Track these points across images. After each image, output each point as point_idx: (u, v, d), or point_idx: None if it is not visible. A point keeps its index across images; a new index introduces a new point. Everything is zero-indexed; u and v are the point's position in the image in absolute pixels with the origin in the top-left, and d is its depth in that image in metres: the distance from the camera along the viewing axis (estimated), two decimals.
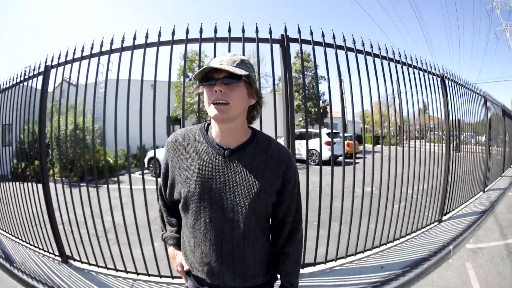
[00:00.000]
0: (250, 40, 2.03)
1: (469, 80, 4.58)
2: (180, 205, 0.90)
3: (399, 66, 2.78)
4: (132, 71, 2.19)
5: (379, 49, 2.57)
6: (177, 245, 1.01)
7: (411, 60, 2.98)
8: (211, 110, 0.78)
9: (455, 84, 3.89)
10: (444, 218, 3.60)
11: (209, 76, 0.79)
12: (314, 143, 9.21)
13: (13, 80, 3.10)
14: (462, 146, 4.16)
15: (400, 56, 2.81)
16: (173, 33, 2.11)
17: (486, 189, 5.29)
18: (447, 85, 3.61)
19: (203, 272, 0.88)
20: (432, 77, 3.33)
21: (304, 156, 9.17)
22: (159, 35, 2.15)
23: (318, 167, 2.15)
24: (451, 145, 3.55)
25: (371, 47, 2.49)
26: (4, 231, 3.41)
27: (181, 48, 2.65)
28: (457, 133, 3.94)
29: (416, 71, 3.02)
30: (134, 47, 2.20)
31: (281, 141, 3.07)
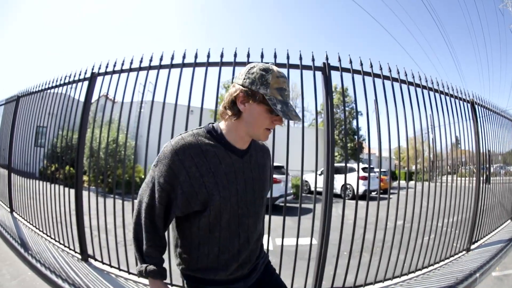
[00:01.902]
0: (294, 66, 2.15)
1: (500, 105, 4.48)
2: (202, 216, 0.85)
3: (432, 93, 2.80)
4: (171, 93, 2.27)
5: (413, 77, 2.63)
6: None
7: (443, 87, 2.99)
8: (263, 135, 0.87)
9: (485, 110, 3.82)
10: (472, 247, 3.51)
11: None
12: (349, 178, 9.30)
13: (57, 81, 3.20)
14: (492, 177, 4.04)
15: (432, 83, 2.85)
16: (221, 55, 2.24)
17: None
18: (477, 112, 3.56)
19: (228, 270, 0.90)
20: (463, 103, 3.31)
21: (338, 190, 9.34)
22: (208, 55, 2.25)
23: (352, 201, 2.20)
24: (482, 178, 3.47)
25: (406, 75, 2.56)
26: (25, 220, 3.51)
27: (225, 76, 2.78)
28: (487, 165, 3.85)
29: (447, 98, 3.03)
30: (183, 65, 2.31)
31: (320, 177, 3.02)
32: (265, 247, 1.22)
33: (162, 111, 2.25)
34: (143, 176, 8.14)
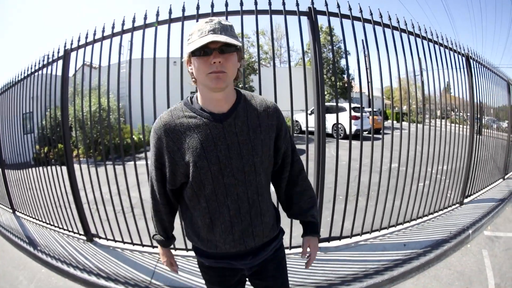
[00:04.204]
0: (277, 12, 2.00)
1: (493, 62, 4.42)
2: (187, 187, 0.88)
3: (425, 42, 2.70)
4: (154, 49, 2.16)
5: (406, 24, 2.49)
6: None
7: (437, 37, 2.89)
8: (209, 81, 0.77)
9: (480, 66, 3.75)
10: (466, 201, 3.56)
11: (202, 46, 0.74)
12: (340, 117, 9.36)
13: (32, 68, 3.11)
14: (483, 129, 4.04)
15: (426, 32, 2.73)
16: (197, 8, 2.10)
17: (506, 177, 5.16)
18: (472, 66, 3.50)
19: (225, 243, 0.89)
20: (458, 56, 3.23)
21: (329, 130, 9.24)
22: (183, 10, 2.13)
23: (344, 141, 2.14)
24: (475, 127, 3.46)
25: (398, 21, 2.42)
26: (28, 215, 3.48)
27: None
28: (479, 116, 3.83)
29: (442, 48, 2.93)
30: (158, 23, 2.19)
31: (311, 116, 3.01)
32: None
33: (141, 66, 2.12)
34: (134, 137, 8.09)
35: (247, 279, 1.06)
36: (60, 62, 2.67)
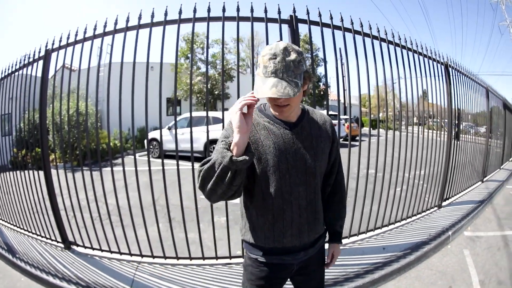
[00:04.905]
0: (259, 19, 2.01)
1: (472, 70, 4.59)
2: (255, 185, 0.96)
3: (405, 51, 2.78)
4: (128, 53, 2.14)
5: (386, 34, 2.56)
6: None
7: (417, 47, 2.98)
8: (274, 110, 0.93)
9: (459, 73, 3.90)
10: (444, 204, 3.67)
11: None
12: None
13: (12, 67, 3.01)
14: (461, 135, 4.19)
15: (406, 42, 2.82)
16: (179, 12, 2.08)
17: (484, 179, 5.36)
18: (451, 74, 3.63)
19: (284, 237, 0.97)
20: (436, 65, 3.34)
21: None
22: (165, 14, 2.12)
23: None
24: (453, 133, 3.58)
25: (378, 31, 2.48)
26: (5, 221, 3.36)
27: (183, 29, 2.62)
28: (457, 122, 3.97)
29: (421, 57, 3.03)
30: (139, 26, 2.17)
31: None
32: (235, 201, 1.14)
33: (120, 70, 2.08)
34: (110, 143, 7.88)
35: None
36: (41, 62, 2.58)
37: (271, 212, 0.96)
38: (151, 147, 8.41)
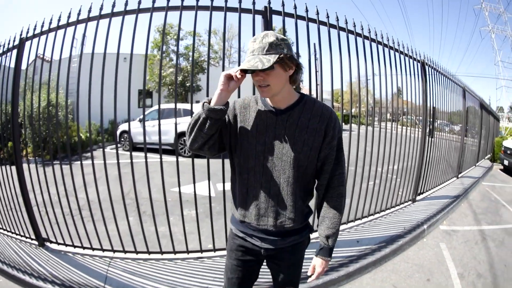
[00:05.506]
0: (232, 9, 1.98)
1: (449, 70, 4.73)
2: (236, 159, 1.06)
3: (381, 47, 2.82)
4: (108, 44, 2.09)
5: (362, 29, 2.59)
6: None
7: (393, 43, 3.03)
8: (259, 91, 0.98)
9: (435, 72, 4.00)
10: (418, 198, 3.77)
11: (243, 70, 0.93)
12: None
13: None
14: (435, 132, 4.31)
15: (382, 37, 2.85)
16: (153, 0, 2.03)
17: (459, 175, 5.56)
18: (427, 72, 3.71)
19: (253, 215, 1.04)
20: (413, 62, 3.40)
21: None
22: (139, 2, 2.05)
23: None
24: (427, 130, 3.68)
25: (354, 25, 2.51)
26: None
27: (156, 20, 2.55)
28: (431, 119, 4.09)
29: (397, 54, 3.08)
30: (112, 14, 2.10)
31: None
32: (213, 195, 1.17)
33: (91, 63, 1.99)
34: (81, 135, 7.59)
35: (264, 262, 1.18)
36: (15, 52, 2.45)
37: (245, 187, 1.04)
38: (122, 139, 8.20)
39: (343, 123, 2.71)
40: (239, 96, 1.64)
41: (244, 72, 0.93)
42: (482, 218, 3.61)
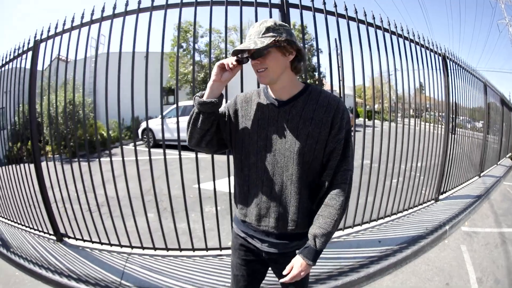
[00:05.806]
0: (248, 4, 1.94)
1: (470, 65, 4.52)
2: (236, 156, 1.00)
3: (401, 40, 2.71)
4: (124, 42, 2.09)
5: (381, 21, 2.49)
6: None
7: (413, 36, 2.91)
8: (258, 78, 0.92)
9: (457, 66, 3.83)
10: (441, 197, 3.62)
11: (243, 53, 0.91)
12: None
13: (2, 60, 2.96)
14: (457, 129, 4.13)
15: (402, 30, 2.74)
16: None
17: (482, 174, 5.32)
18: (448, 66, 3.56)
19: (253, 215, 0.98)
20: (434, 56, 3.27)
21: None
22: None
23: None
24: (450, 126, 3.52)
25: (373, 18, 2.41)
26: (1, 216, 3.33)
27: (173, 18, 2.55)
28: (453, 116, 3.91)
29: (418, 47, 2.96)
30: (126, 13, 2.10)
31: None
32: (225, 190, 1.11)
33: (119, 60, 2.01)
34: (103, 133, 7.78)
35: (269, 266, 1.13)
36: (30, 54, 2.51)
37: (247, 184, 0.99)
38: (145, 137, 8.42)
39: (367, 119, 2.62)
40: (241, 91, 1.62)
41: (239, 63, 0.91)
42: (503, 220, 3.43)
